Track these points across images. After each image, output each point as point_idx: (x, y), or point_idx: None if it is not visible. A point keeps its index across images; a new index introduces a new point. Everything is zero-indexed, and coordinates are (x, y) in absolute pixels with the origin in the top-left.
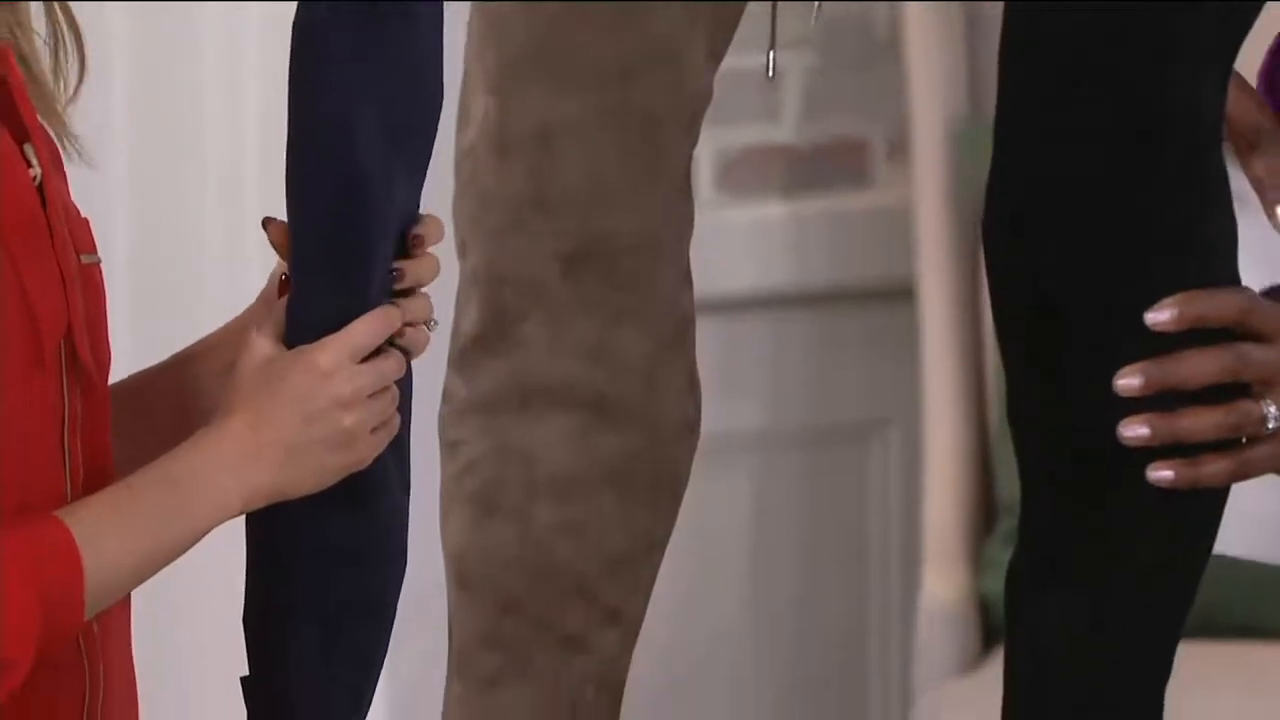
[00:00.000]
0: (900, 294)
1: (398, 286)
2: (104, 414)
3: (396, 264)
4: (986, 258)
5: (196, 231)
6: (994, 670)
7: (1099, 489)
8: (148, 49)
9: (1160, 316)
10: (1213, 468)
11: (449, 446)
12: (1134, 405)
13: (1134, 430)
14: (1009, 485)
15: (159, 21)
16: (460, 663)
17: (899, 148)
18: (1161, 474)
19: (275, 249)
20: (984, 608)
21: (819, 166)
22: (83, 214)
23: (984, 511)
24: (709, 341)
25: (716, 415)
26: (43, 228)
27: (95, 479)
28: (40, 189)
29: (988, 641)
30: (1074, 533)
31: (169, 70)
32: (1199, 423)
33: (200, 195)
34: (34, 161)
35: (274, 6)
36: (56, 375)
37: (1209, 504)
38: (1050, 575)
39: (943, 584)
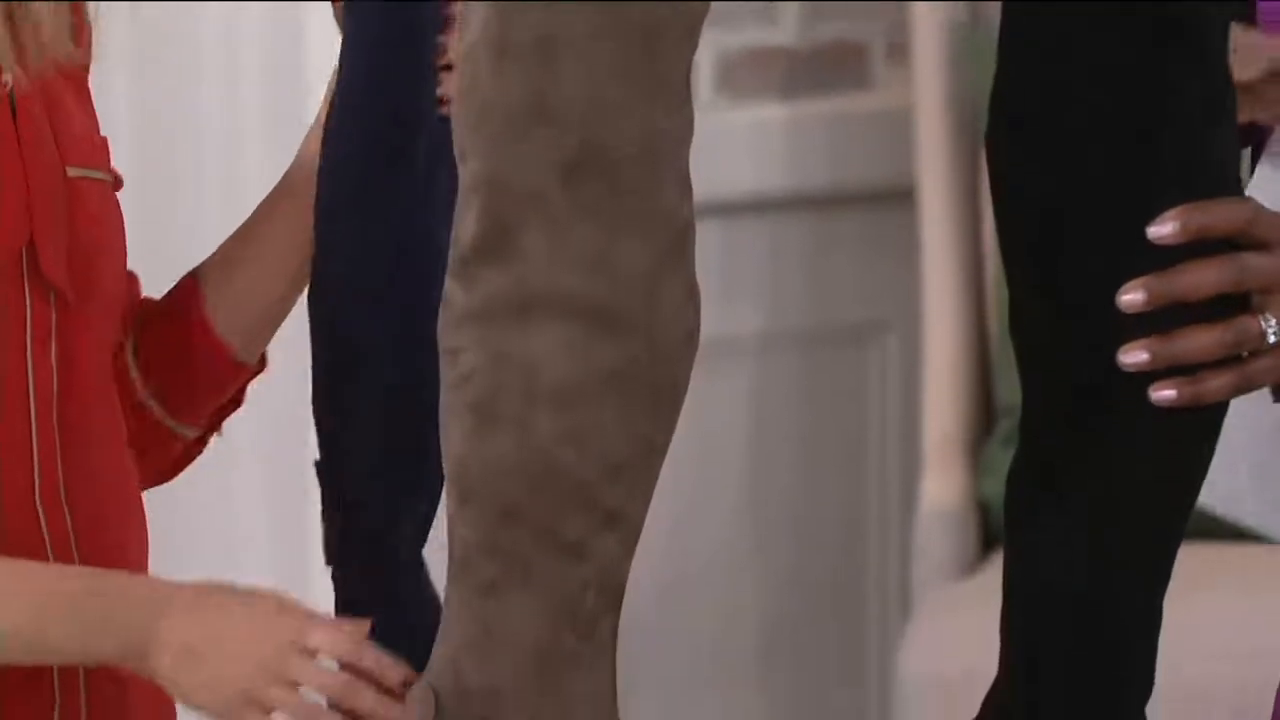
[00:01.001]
0: (900, 197)
1: None
2: (93, 331)
3: None
4: (990, 166)
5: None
6: (993, 573)
7: (1100, 401)
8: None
9: (1163, 230)
10: (1215, 384)
11: (448, 354)
12: (1134, 318)
13: (1134, 356)
14: (1008, 388)
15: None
16: (460, 571)
17: (898, 50)
18: (1164, 394)
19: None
20: (983, 510)
21: (818, 69)
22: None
23: (983, 414)
24: (708, 245)
25: (715, 318)
26: (7, 137)
27: (72, 394)
28: (10, 99)
29: (987, 544)
30: (1073, 443)
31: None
32: (1198, 342)
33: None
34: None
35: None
36: (17, 284)
37: (1209, 415)
38: (1049, 484)
39: (942, 487)
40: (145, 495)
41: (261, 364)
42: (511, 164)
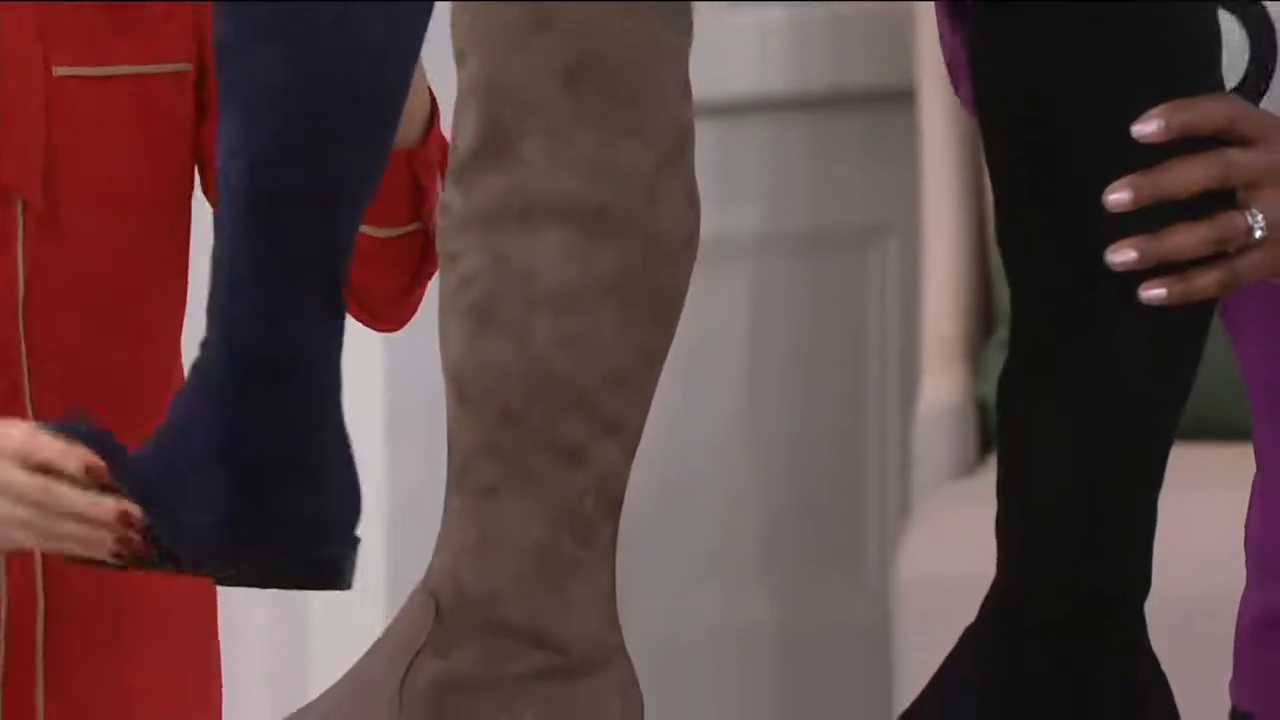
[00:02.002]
0: (900, 98)
1: None
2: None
3: None
4: (973, 65)
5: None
6: (992, 474)
7: (1090, 301)
8: None
9: (1147, 128)
10: (1204, 280)
11: (448, 258)
12: (1120, 217)
13: (1122, 255)
14: (1007, 291)
15: None
16: (460, 475)
17: None
18: (1154, 292)
19: None
20: (982, 412)
21: None
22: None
23: (982, 317)
24: (708, 146)
25: (715, 220)
26: None
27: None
28: None
29: (985, 446)
30: (1064, 343)
31: None
32: (1185, 239)
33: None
34: None
35: None
36: None
37: (1198, 312)
38: (1041, 385)
39: (941, 388)
40: None
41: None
42: (511, 70)
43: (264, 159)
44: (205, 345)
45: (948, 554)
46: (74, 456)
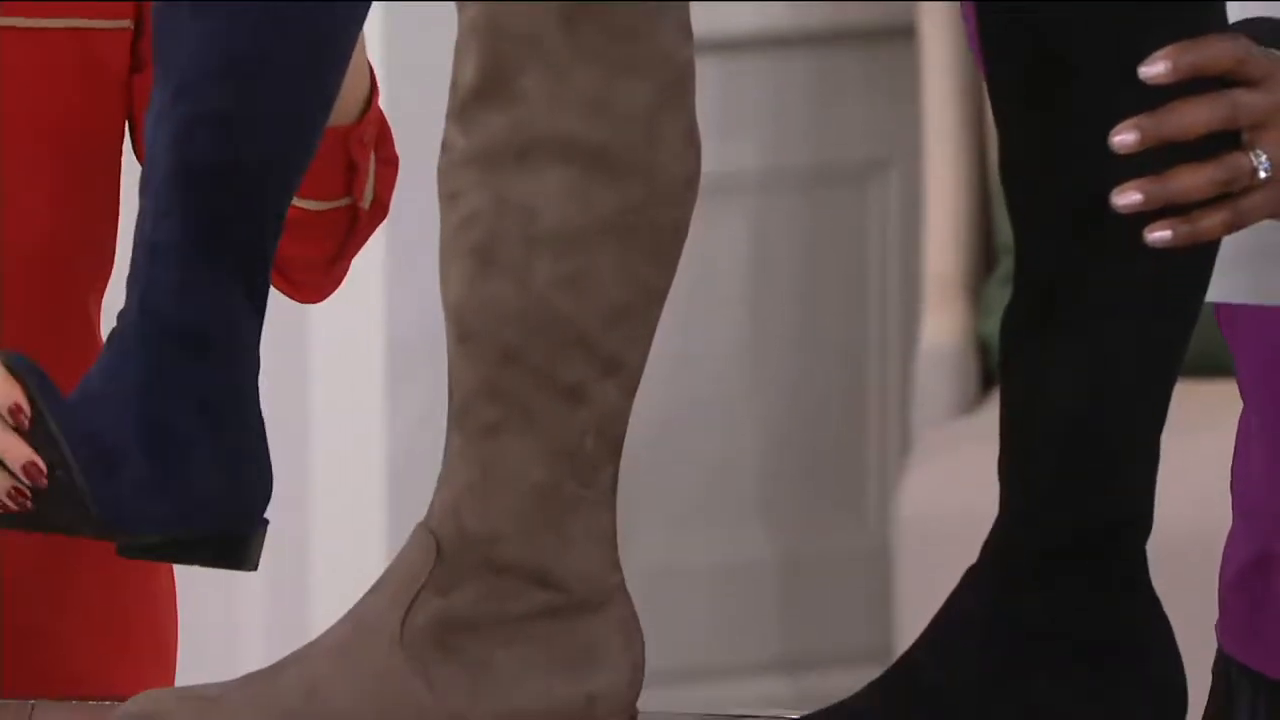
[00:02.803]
0: (901, 34)
1: None
2: None
3: None
4: (979, 2)
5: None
6: (993, 411)
7: (1094, 240)
8: None
9: (1155, 69)
10: (1209, 221)
11: (448, 198)
12: (1125, 157)
13: (1127, 197)
14: (1009, 227)
15: None
16: (460, 415)
17: None
18: (1160, 234)
19: None
20: (982, 349)
21: None
22: None
23: (983, 253)
24: (709, 82)
25: (716, 156)
26: None
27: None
28: None
29: (986, 383)
30: (1068, 283)
31: None
32: (1190, 180)
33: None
34: None
35: None
36: None
37: (1202, 251)
38: (1045, 322)
39: (942, 326)
40: None
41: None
42: (509, 8)
43: (187, 132)
44: (123, 315)
45: (948, 491)
46: (4, 394)
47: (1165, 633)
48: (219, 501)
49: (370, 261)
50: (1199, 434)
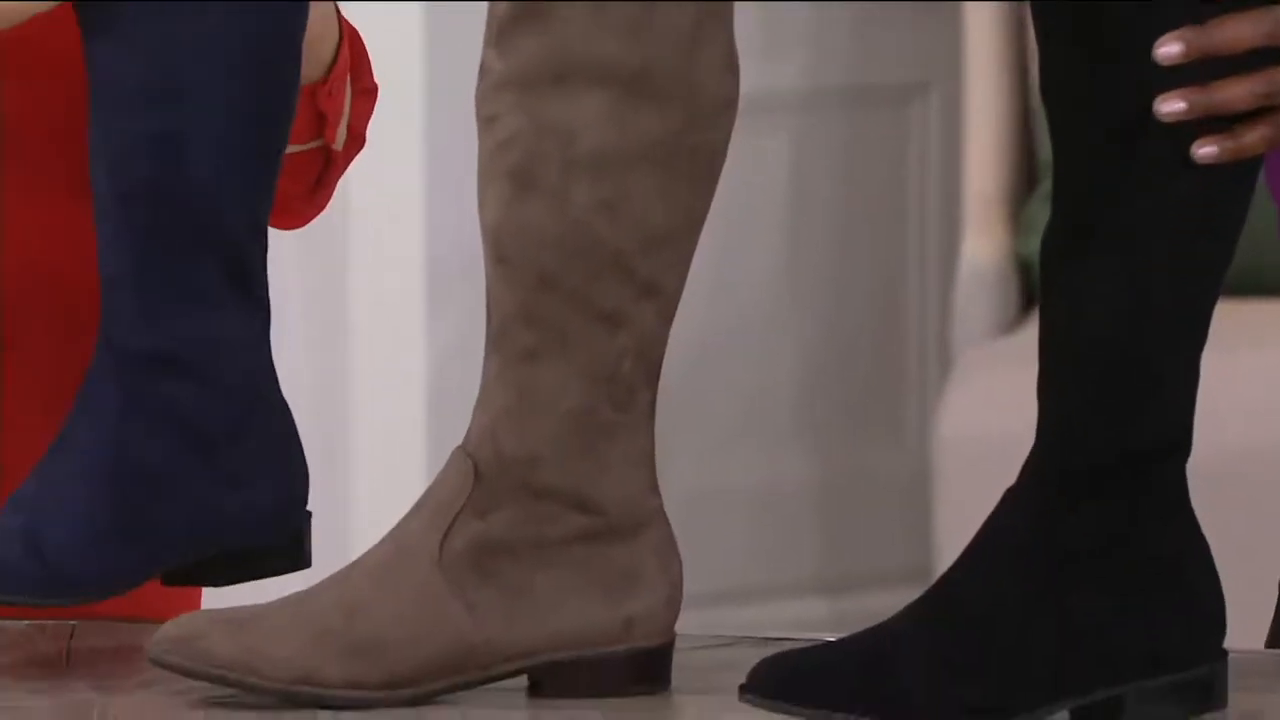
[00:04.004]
0: None
1: None
2: None
3: None
4: None
5: None
6: (1033, 331)
7: (1135, 160)
8: None
9: (1170, 49)
10: (1253, 136)
11: (485, 121)
12: (1168, 71)
13: (1171, 105)
14: (1050, 146)
15: None
16: (498, 339)
17: None
18: (1206, 150)
19: None
20: (1023, 269)
21: None
22: None
23: (1024, 173)
24: (749, 4)
25: (757, 76)
26: None
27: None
28: None
29: (1027, 303)
30: (1108, 204)
31: None
32: (1234, 92)
33: None
34: None
35: None
36: None
37: (1243, 169)
38: (1085, 244)
39: (982, 245)
40: None
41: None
42: None
43: (125, 155)
44: (98, 344)
45: (988, 411)
46: None
47: (1203, 554)
48: (217, 524)
49: (409, 185)
50: (1240, 352)
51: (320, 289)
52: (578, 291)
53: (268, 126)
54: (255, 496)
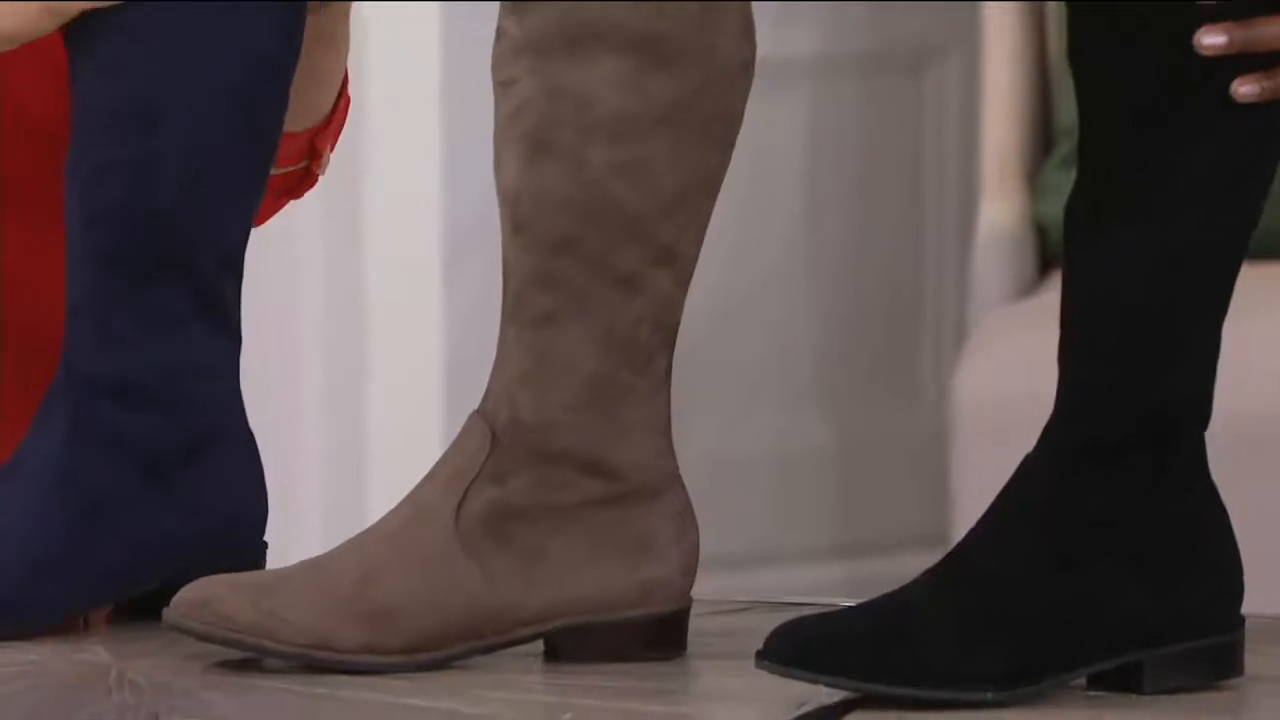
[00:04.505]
0: None
1: None
2: None
3: None
4: None
5: None
6: (1050, 295)
7: (1164, 125)
8: None
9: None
10: None
11: (501, 85)
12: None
13: (1212, 38)
14: (1067, 109)
15: None
16: (514, 304)
17: None
18: (1246, 89)
19: None
20: (1040, 232)
21: None
22: None
23: (1041, 136)
24: None
25: (774, 40)
26: None
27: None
28: None
29: (1044, 266)
30: (1135, 170)
31: None
32: (1274, 29)
33: None
34: None
35: None
36: None
37: (1270, 134)
38: (1111, 211)
39: (1000, 209)
40: None
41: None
42: None
43: (93, 182)
44: (58, 372)
45: (1005, 375)
46: None
47: (1222, 521)
48: (166, 552)
49: (427, 150)
50: (1259, 316)
51: (337, 255)
52: (594, 256)
53: (246, 163)
54: (210, 523)
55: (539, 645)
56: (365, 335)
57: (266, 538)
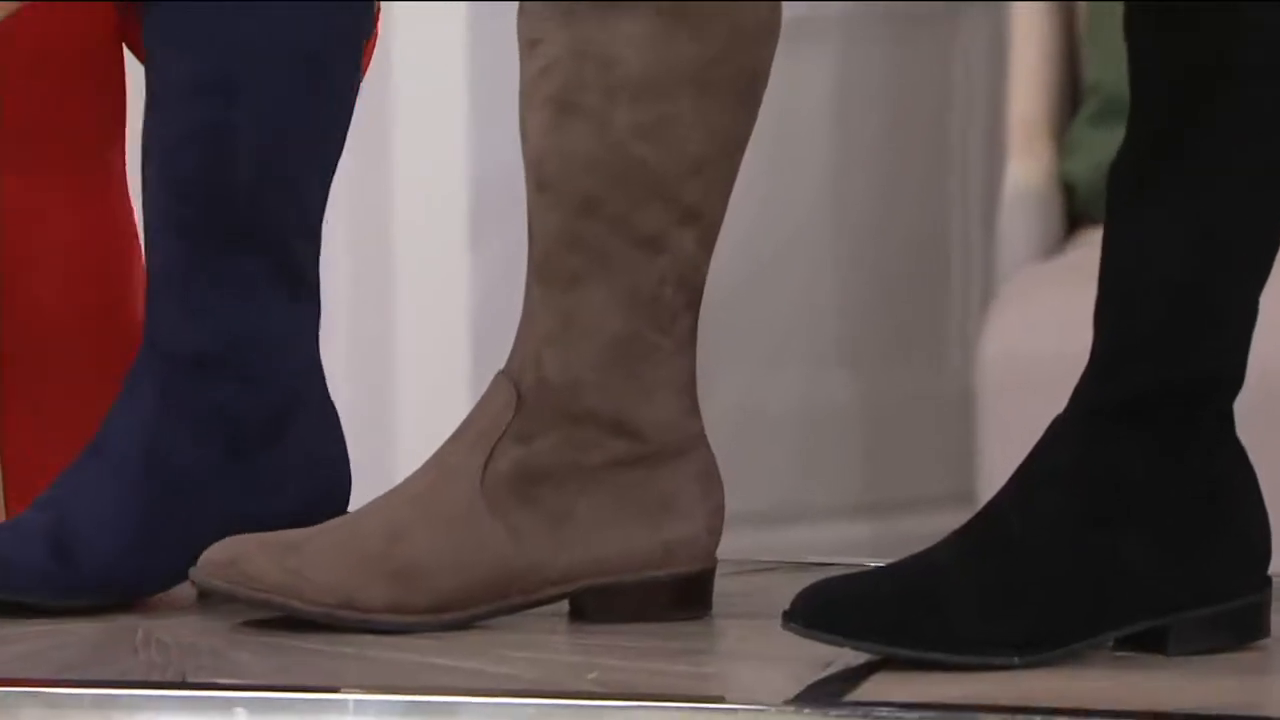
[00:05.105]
0: None
1: None
2: None
3: None
4: None
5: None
6: (1077, 253)
7: (1213, 99)
8: None
9: None
10: None
11: (527, 45)
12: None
13: None
14: (1095, 66)
15: None
16: (540, 265)
17: None
18: None
19: None
20: (1068, 191)
21: None
22: None
23: (1069, 95)
24: None
25: None
26: None
27: None
28: None
29: (1070, 225)
30: (1184, 140)
31: None
32: None
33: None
34: None
35: None
36: None
37: None
38: (1155, 179)
39: (1027, 167)
40: None
41: None
42: None
43: (172, 154)
44: (142, 344)
45: (1032, 334)
46: None
47: (1250, 484)
48: (245, 531)
49: (453, 110)
50: None
51: (365, 217)
52: (619, 216)
53: (323, 129)
54: (286, 505)
55: (564, 605)
56: (392, 295)
57: None
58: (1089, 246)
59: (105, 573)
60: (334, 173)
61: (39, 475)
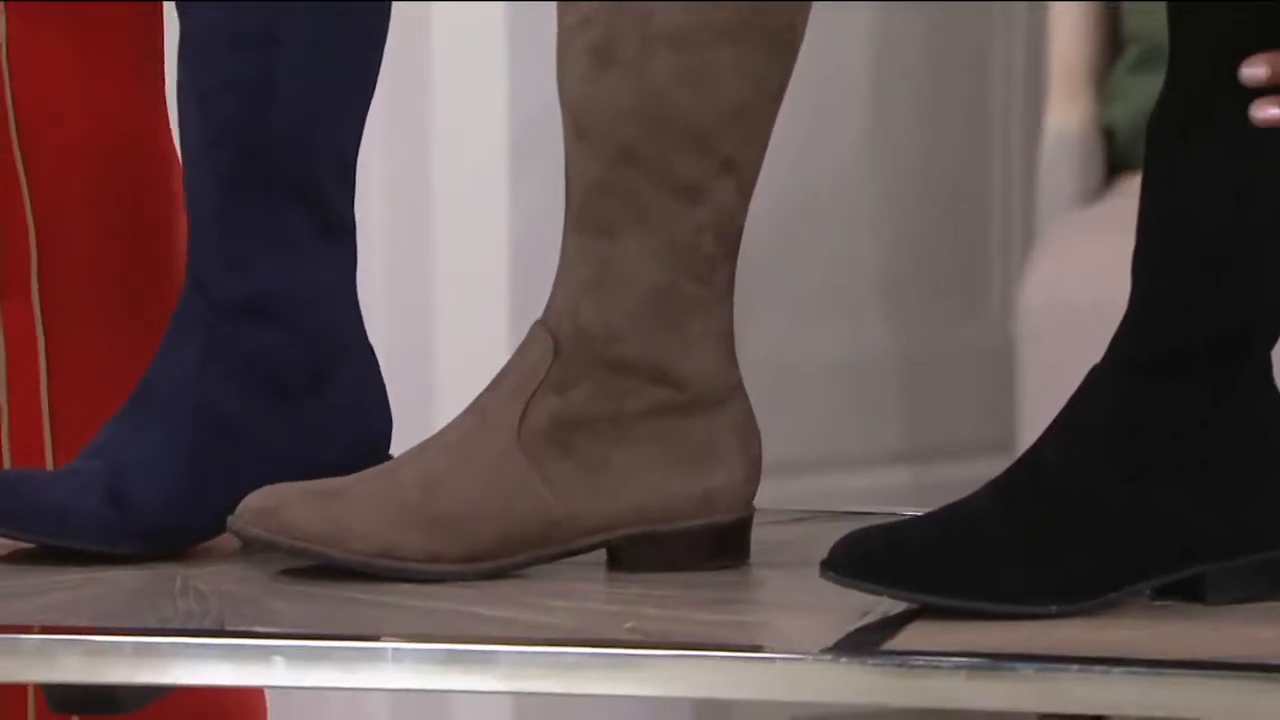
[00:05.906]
0: None
1: None
2: None
3: None
4: None
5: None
6: (1116, 200)
7: (1251, 42)
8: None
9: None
10: None
11: None
12: None
13: (1253, 70)
14: (1137, 13)
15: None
16: (578, 214)
17: None
18: (1267, 113)
19: None
20: (1108, 137)
21: None
22: None
23: (1109, 41)
24: None
25: None
26: None
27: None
28: None
29: (1110, 171)
30: (1223, 89)
31: None
32: None
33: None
34: None
35: None
36: None
37: None
38: (1196, 130)
39: (1067, 114)
40: None
41: None
42: None
43: (210, 102)
44: (184, 290)
45: (1072, 281)
46: None
47: None
48: (291, 477)
49: (493, 54)
50: None
51: (403, 160)
52: (657, 165)
53: (355, 73)
54: (331, 451)
55: (601, 554)
56: (431, 242)
57: None
58: (1129, 195)
59: (158, 518)
60: (368, 109)
61: (83, 425)
